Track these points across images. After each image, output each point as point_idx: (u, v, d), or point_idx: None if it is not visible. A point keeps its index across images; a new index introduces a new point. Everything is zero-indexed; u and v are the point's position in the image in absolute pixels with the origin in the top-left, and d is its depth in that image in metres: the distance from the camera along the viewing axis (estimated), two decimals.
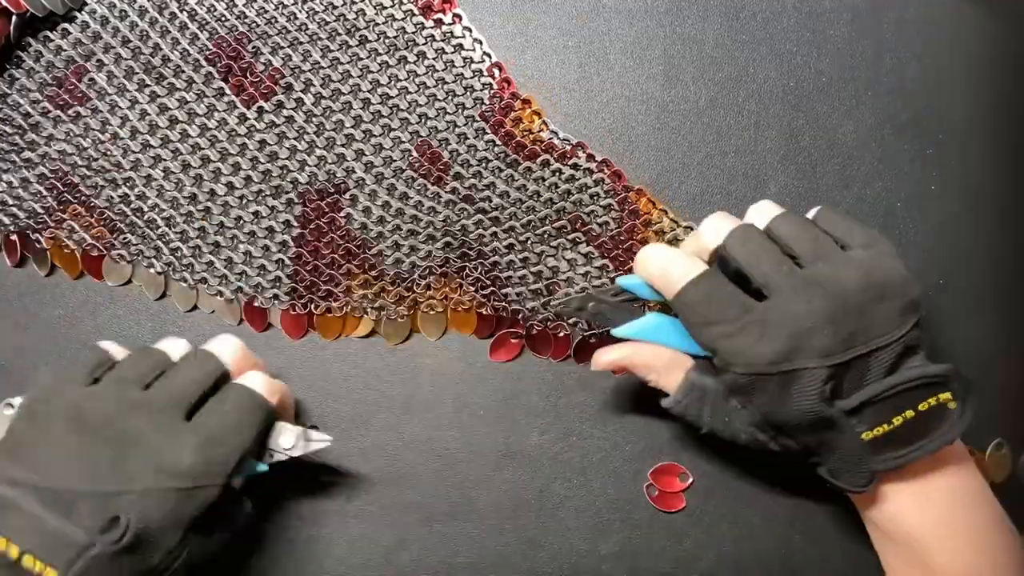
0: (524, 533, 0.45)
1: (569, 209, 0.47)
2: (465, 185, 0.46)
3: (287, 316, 0.46)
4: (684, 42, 0.49)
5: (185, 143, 0.46)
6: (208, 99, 0.46)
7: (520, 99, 0.47)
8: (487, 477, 0.46)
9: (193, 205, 0.46)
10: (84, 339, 0.46)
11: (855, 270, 0.35)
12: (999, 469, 0.48)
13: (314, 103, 0.46)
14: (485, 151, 0.47)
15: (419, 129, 0.46)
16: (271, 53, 0.46)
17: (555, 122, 0.48)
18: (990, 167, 0.50)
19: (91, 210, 0.46)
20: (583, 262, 0.47)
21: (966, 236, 0.49)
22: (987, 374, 0.48)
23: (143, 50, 0.46)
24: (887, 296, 0.35)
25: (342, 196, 0.46)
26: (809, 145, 0.49)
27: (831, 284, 0.35)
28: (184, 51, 0.46)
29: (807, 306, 0.34)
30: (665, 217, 0.47)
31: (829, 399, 0.34)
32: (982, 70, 0.51)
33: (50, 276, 0.47)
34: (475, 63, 0.47)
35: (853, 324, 0.34)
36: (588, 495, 0.46)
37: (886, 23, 0.50)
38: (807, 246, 0.36)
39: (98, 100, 0.46)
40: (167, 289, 0.46)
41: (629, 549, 0.45)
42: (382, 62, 0.47)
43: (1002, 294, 0.49)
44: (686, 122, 0.49)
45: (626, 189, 0.47)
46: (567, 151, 0.47)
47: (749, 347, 0.35)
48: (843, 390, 0.35)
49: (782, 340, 0.34)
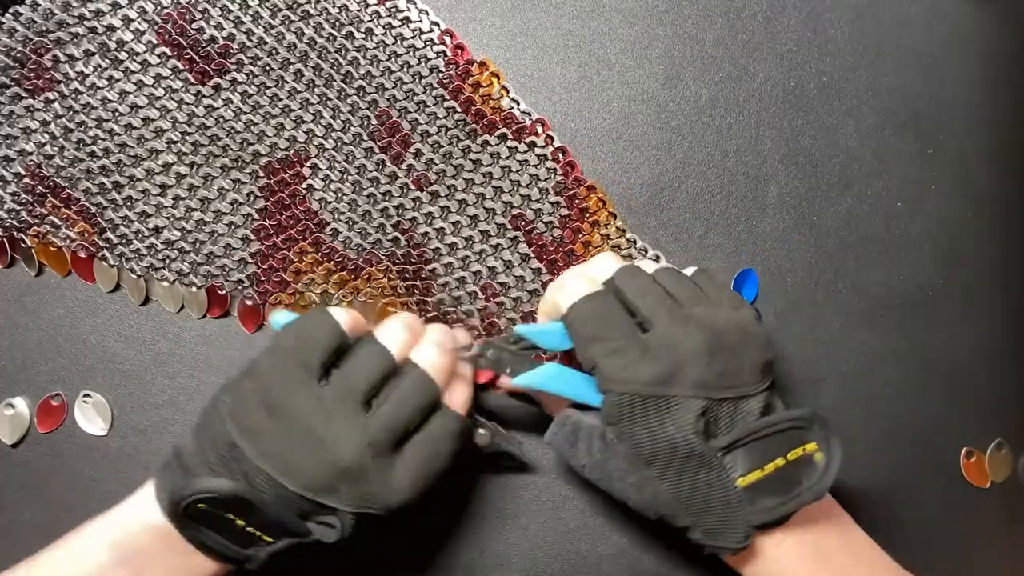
0: (524, 533, 0.45)
1: (517, 203, 0.47)
2: (422, 160, 0.46)
3: (244, 307, 0.46)
4: (684, 41, 0.49)
5: (148, 127, 0.46)
6: (167, 80, 0.46)
7: (477, 63, 0.47)
8: (487, 477, 0.46)
9: (163, 196, 0.46)
10: (84, 339, 0.46)
11: (732, 315, 0.37)
12: (999, 469, 0.48)
13: (264, 75, 0.46)
14: (445, 119, 0.47)
15: (377, 98, 0.47)
16: (216, 30, 0.47)
17: (555, 122, 0.48)
18: (990, 167, 0.50)
19: (69, 203, 0.46)
20: (519, 262, 0.46)
21: (966, 236, 0.49)
22: (987, 374, 0.48)
23: (98, 30, 0.46)
24: (753, 346, 0.37)
25: (303, 166, 0.46)
26: (809, 145, 0.49)
27: (708, 322, 0.36)
28: (137, 31, 0.46)
29: (686, 336, 0.36)
30: (613, 222, 0.47)
31: (703, 434, 0.35)
32: (982, 70, 0.51)
33: (40, 276, 0.47)
34: (425, 32, 0.48)
35: (727, 362, 0.36)
36: (588, 495, 0.46)
37: (887, 23, 0.50)
38: (686, 293, 0.38)
39: (64, 86, 0.46)
40: (149, 293, 0.46)
41: (629, 549, 0.45)
42: (329, 35, 0.47)
43: (1002, 294, 0.50)
44: (686, 122, 0.49)
45: (577, 183, 0.47)
46: (527, 126, 0.47)
47: (629, 365, 0.36)
48: (717, 430, 0.36)
49: (662, 363, 0.35)
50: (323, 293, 0.46)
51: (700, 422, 0.35)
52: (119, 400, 0.46)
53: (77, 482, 0.45)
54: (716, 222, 0.48)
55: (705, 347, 0.35)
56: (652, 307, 0.37)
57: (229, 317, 0.47)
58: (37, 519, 0.45)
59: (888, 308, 0.49)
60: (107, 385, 0.46)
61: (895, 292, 0.49)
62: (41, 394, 0.46)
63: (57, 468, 0.45)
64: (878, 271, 0.49)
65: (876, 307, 0.48)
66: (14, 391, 0.46)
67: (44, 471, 0.45)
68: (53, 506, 0.45)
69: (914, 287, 0.49)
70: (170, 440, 0.46)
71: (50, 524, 0.45)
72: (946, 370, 0.48)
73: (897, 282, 0.49)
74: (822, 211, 0.49)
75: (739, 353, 0.36)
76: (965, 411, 0.48)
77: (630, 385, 0.36)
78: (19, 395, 0.46)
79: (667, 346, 0.36)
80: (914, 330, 0.48)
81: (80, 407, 0.46)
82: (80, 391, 0.46)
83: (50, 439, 0.46)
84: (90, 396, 0.46)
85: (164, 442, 0.46)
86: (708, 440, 0.35)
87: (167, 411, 0.46)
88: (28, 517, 0.45)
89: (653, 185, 0.48)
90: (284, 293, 0.46)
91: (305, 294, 0.46)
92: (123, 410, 0.46)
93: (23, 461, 0.45)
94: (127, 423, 0.46)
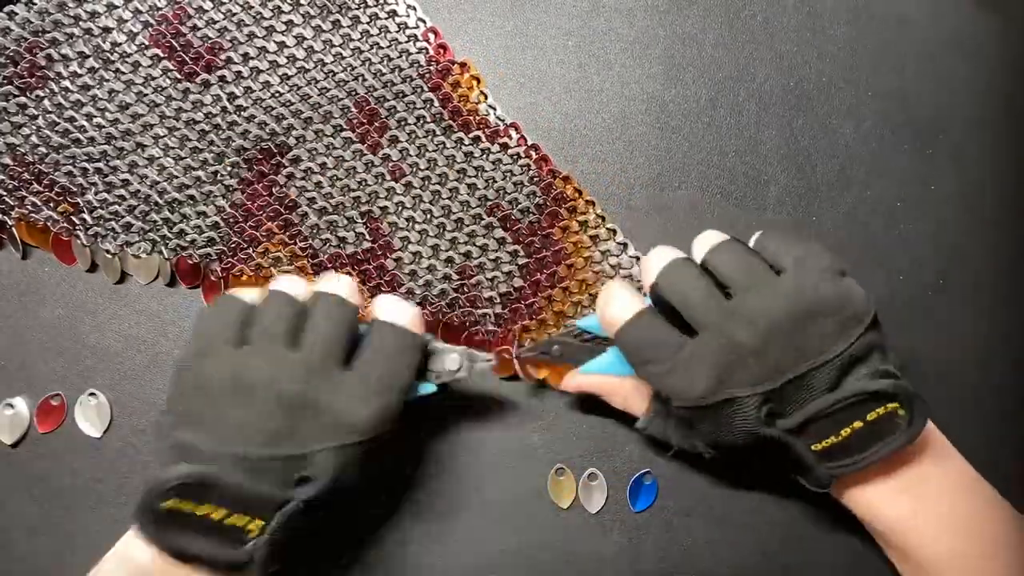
0: (524, 533, 0.45)
1: (491, 197, 0.47)
2: (398, 148, 0.46)
3: (207, 282, 0.47)
4: (684, 41, 0.49)
5: (137, 122, 0.46)
6: (156, 79, 0.47)
7: (458, 63, 0.47)
8: (486, 476, 0.46)
9: (144, 184, 0.46)
10: (84, 338, 0.46)
11: (781, 298, 0.36)
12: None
13: (251, 75, 0.47)
14: (422, 108, 0.47)
15: (357, 87, 0.47)
16: (207, 26, 0.47)
17: (555, 121, 0.48)
18: (990, 167, 0.50)
19: (50, 186, 0.46)
20: (495, 247, 0.46)
21: (966, 236, 0.49)
22: (986, 374, 0.48)
23: (93, 31, 0.47)
24: (819, 316, 0.35)
25: (283, 157, 0.46)
26: (809, 145, 0.49)
27: (755, 315, 0.36)
28: (130, 32, 0.47)
29: (729, 341, 0.36)
30: (592, 210, 0.47)
31: (768, 421, 0.36)
32: (982, 70, 0.51)
33: (26, 259, 0.47)
34: (409, 28, 0.48)
35: (781, 351, 0.35)
36: None
37: (886, 23, 0.50)
38: (739, 276, 0.37)
39: (53, 83, 0.46)
40: (124, 267, 0.47)
41: (629, 549, 0.45)
42: (316, 26, 0.47)
43: (1002, 294, 0.50)
44: (686, 122, 0.49)
45: (552, 175, 0.47)
46: (500, 130, 0.47)
47: (680, 384, 0.36)
48: (785, 410, 0.36)
49: (709, 375, 0.36)
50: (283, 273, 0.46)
51: (763, 410, 0.36)
52: (119, 400, 0.46)
53: (77, 482, 0.45)
54: (716, 222, 0.48)
55: (751, 348, 0.35)
56: (695, 308, 0.37)
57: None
58: (37, 519, 0.45)
59: (888, 308, 0.49)
60: (107, 385, 0.46)
61: (895, 292, 0.49)
62: (41, 394, 0.46)
63: (57, 468, 0.45)
64: (878, 271, 0.49)
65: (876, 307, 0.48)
66: (14, 391, 0.46)
67: (44, 471, 0.45)
68: (53, 506, 0.45)
69: (914, 287, 0.49)
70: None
71: (50, 524, 0.45)
72: (945, 370, 0.48)
73: (897, 282, 0.49)
74: (822, 211, 0.49)
75: (797, 334, 0.35)
76: (964, 411, 0.48)
77: (685, 402, 0.37)
78: (19, 395, 0.46)
79: (711, 356, 0.36)
80: (914, 330, 0.48)
81: (80, 407, 0.46)
82: (80, 391, 0.46)
83: (50, 439, 0.45)
84: (90, 396, 0.46)
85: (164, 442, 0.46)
86: (775, 422, 0.36)
87: None
88: (28, 517, 0.45)
89: (653, 185, 0.48)
90: (247, 266, 0.46)
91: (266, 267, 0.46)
92: (123, 410, 0.46)
93: (23, 461, 0.45)
94: (127, 423, 0.46)
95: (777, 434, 0.36)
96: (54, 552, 0.44)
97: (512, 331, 0.46)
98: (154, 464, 0.45)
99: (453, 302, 0.46)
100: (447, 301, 0.46)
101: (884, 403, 0.35)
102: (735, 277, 0.37)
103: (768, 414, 0.36)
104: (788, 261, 0.37)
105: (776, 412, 0.36)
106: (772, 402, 0.36)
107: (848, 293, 0.36)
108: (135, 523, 0.33)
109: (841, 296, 0.36)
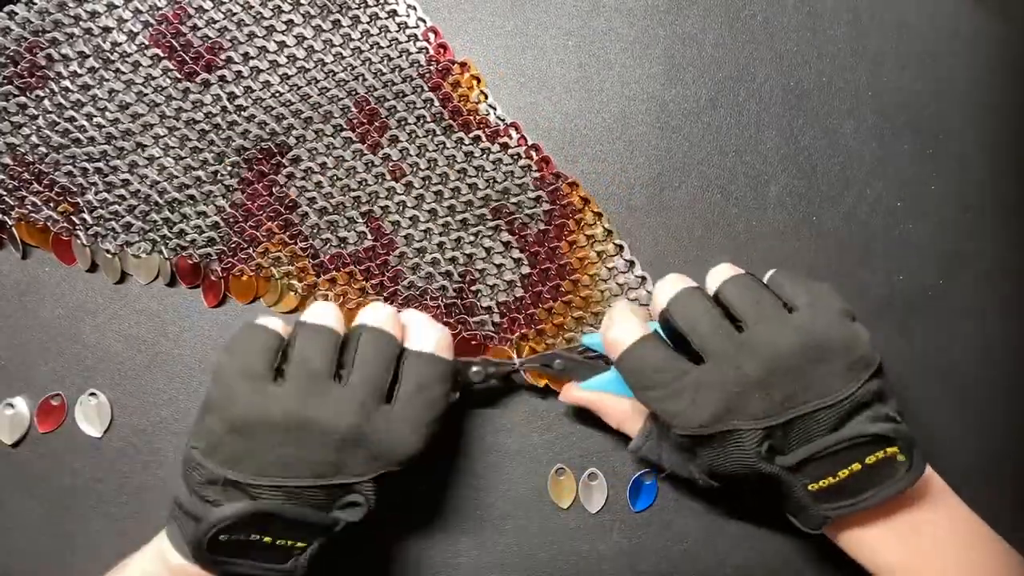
0: (524, 533, 0.45)
1: (495, 197, 0.46)
2: (398, 148, 0.46)
3: (207, 282, 0.46)
4: (685, 41, 0.49)
5: (137, 121, 0.46)
6: (156, 79, 0.46)
7: (458, 63, 0.47)
8: (487, 476, 0.46)
9: (144, 184, 0.46)
10: (84, 338, 0.46)
11: (793, 333, 0.36)
12: None
13: (251, 74, 0.47)
14: (423, 108, 0.47)
15: (357, 87, 0.47)
16: (207, 26, 0.47)
17: (555, 122, 0.48)
18: (990, 167, 0.50)
19: (50, 185, 0.46)
20: (500, 250, 0.46)
21: (966, 236, 0.49)
22: (986, 374, 0.48)
23: (93, 31, 0.46)
24: (827, 358, 0.35)
25: (284, 157, 0.46)
26: (809, 145, 0.49)
27: (765, 348, 0.35)
28: (130, 32, 0.47)
29: (737, 372, 0.35)
30: (599, 222, 0.47)
31: (768, 456, 0.35)
32: (982, 70, 0.51)
33: (26, 259, 0.47)
34: (410, 28, 0.48)
35: (789, 387, 0.35)
36: None
37: (886, 23, 0.50)
38: (750, 309, 0.37)
39: (53, 82, 0.46)
40: (124, 267, 0.47)
41: (629, 549, 0.45)
42: (316, 26, 0.47)
43: (1002, 294, 0.50)
44: (686, 122, 0.49)
45: (556, 177, 0.47)
46: (500, 129, 0.47)
47: (682, 411, 0.36)
48: (785, 447, 0.36)
49: (713, 405, 0.35)
50: (284, 273, 0.46)
51: (764, 446, 0.35)
52: (119, 400, 0.46)
53: (77, 482, 0.45)
54: (716, 222, 0.48)
55: (758, 381, 0.35)
56: (704, 337, 0.37)
57: (229, 317, 0.47)
58: (37, 519, 0.45)
59: (888, 308, 0.49)
60: (107, 385, 0.46)
61: (895, 292, 0.49)
62: (41, 394, 0.46)
63: (57, 468, 0.45)
64: (878, 271, 0.49)
65: (876, 307, 0.48)
66: (14, 391, 0.46)
67: (44, 471, 0.45)
68: (53, 506, 0.45)
69: (914, 287, 0.49)
70: (170, 440, 0.46)
71: (50, 524, 0.45)
72: (946, 370, 0.48)
73: (897, 282, 0.49)
74: (822, 211, 0.49)
75: (805, 372, 0.35)
76: (964, 411, 0.48)
77: (685, 429, 0.36)
78: (19, 395, 0.46)
79: (717, 385, 0.35)
80: (914, 330, 0.48)
81: (80, 407, 0.46)
82: (80, 391, 0.46)
83: (50, 439, 0.46)
84: (90, 396, 0.46)
85: (164, 442, 0.46)
86: (775, 458, 0.36)
87: (167, 411, 0.46)
88: (28, 517, 0.45)
89: (653, 185, 0.48)
90: (247, 266, 0.46)
91: (267, 268, 0.46)
92: (123, 410, 0.46)
93: (23, 461, 0.45)
94: (127, 423, 0.46)
95: (775, 470, 0.36)
96: (54, 552, 0.44)
97: (510, 340, 0.46)
98: (170, 478, 0.45)
99: (451, 307, 0.46)
100: (446, 302, 0.46)
101: (884, 447, 0.35)
102: (747, 310, 0.37)
103: (768, 449, 0.35)
104: (801, 299, 0.37)
105: (776, 448, 0.36)
106: (773, 438, 0.35)
107: (857, 337, 0.36)
108: (191, 558, 0.35)
109: (850, 339, 0.36)
